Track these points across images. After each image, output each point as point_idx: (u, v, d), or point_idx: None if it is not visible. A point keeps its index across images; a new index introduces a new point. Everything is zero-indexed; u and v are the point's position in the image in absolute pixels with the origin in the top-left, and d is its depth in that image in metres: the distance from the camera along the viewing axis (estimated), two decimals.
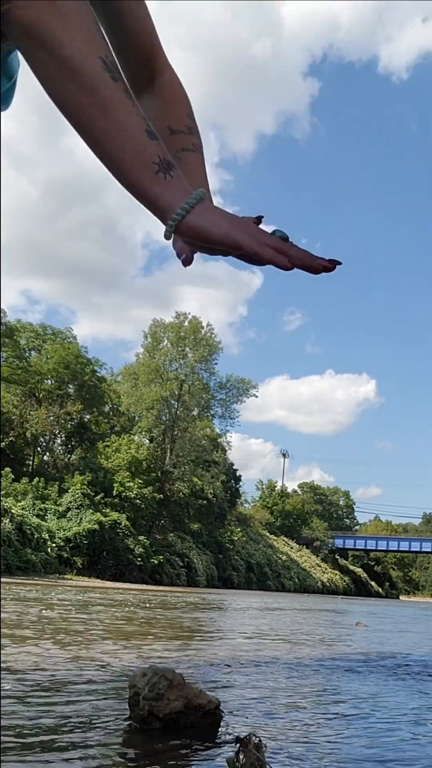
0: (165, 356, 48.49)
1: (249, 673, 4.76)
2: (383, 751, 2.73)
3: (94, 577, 33.15)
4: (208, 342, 48.96)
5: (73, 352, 42.43)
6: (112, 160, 0.74)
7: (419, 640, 10.10)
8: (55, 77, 0.72)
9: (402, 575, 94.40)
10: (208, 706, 2.87)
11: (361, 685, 4.62)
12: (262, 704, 3.58)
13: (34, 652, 5.06)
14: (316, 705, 3.74)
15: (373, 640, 9.41)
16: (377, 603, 40.54)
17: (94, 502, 36.67)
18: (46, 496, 36.10)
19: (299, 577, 60.53)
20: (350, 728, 3.16)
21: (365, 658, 6.46)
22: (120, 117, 0.72)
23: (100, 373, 46.73)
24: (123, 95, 0.73)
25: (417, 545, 75.07)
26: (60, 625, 7.56)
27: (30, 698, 3.31)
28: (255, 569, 53.42)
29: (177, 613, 12.06)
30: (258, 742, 1.98)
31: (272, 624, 11.40)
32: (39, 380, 41.85)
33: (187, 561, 42.76)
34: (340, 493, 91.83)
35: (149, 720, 2.75)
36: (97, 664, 4.61)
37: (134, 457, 41.14)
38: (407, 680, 5.05)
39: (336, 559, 73.00)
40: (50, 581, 25.90)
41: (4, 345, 37.19)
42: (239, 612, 15.01)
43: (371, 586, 78.20)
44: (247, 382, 52.11)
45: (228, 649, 6.38)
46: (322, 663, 5.76)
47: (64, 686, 3.70)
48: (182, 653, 5.69)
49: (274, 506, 70.11)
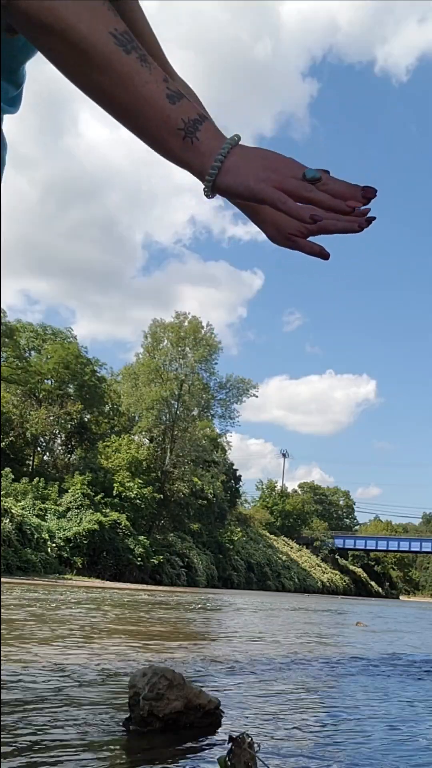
0: (165, 356, 48.48)
1: (249, 673, 4.76)
2: (383, 751, 2.73)
3: (94, 577, 33.14)
4: (208, 342, 48.95)
5: (73, 352, 42.41)
6: (142, 132, 0.74)
7: (419, 639, 10.09)
8: (68, 60, 0.72)
9: (402, 575, 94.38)
10: (208, 706, 2.88)
11: (361, 685, 4.62)
12: (261, 704, 3.59)
13: (34, 652, 5.06)
14: (315, 705, 3.74)
15: (373, 640, 9.40)
16: (377, 603, 40.53)
17: (94, 502, 36.67)
18: (46, 496, 36.10)
19: (299, 577, 60.53)
20: (350, 728, 3.16)
21: (365, 658, 6.45)
22: (139, 89, 0.72)
23: (100, 373, 46.75)
24: (138, 66, 0.72)
25: (417, 545, 75.06)
26: (60, 625, 7.56)
27: (30, 698, 3.31)
28: (255, 569, 53.42)
29: (177, 613, 12.05)
30: (251, 741, 1.98)
31: (272, 624, 11.40)
32: (39, 380, 41.84)
33: (187, 561, 42.75)
34: (340, 493, 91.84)
35: (149, 720, 2.75)
36: (97, 664, 4.61)
37: (134, 457, 41.14)
38: (407, 680, 5.05)
39: (336, 559, 72.98)
40: (50, 581, 25.90)
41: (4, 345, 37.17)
42: (239, 612, 15.00)
43: (371, 586, 78.20)
44: (247, 382, 52.14)
45: (228, 649, 6.38)
46: (322, 663, 5.76)
47: (64, 686, 3.70)
48: (182, 653, 5.69)
49: (274, 506, 70.11)
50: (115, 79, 0.71)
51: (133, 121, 0.73)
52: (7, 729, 2.65)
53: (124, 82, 0.71)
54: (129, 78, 0.71)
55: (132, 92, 0.72)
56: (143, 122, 0.73)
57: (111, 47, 0.71)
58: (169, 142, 0.73)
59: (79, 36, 0.69)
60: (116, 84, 0.71)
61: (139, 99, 0.72)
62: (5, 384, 39.14)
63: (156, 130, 0.73)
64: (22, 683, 3.70)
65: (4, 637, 5.81)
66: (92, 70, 0.71)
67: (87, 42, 0.70)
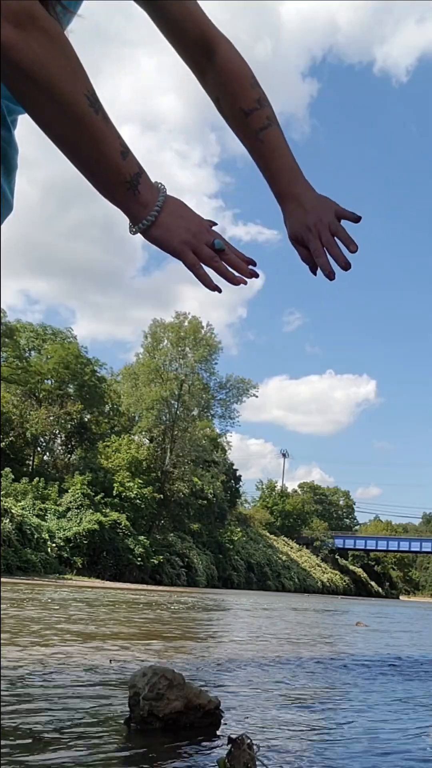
0: (165, 356, 48.46)
1: (249, 673, 4.76)
2: (383, 752, 2.73)
3: (94, 577, 33.13)
4: (208, 342, 48.93)
5: (73, 352, 42.39)
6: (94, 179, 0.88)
7: (419, 639, 10.09)
8: (44, 111, 0.82)
9: (402, 575, 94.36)
10: (208, 706, 2.87)
11: (361, 685, 4.62)
12: (262, 704, 3.59)
13: (35, 652, 5.06)
14: (316, 705, 3.74)
15: (373, 639, 9.41)
16: (377, 603, 40.54)
17: (94, 502, 36.66)
18: (46, 496, 36.08)
19: (299, 577, 60.51)
20: (350, 728, 3.16)
21: (365, 658, 6.45)
22: (101, 146, 0.84)
23: (100, 373, 46.71)
24: (103, 125, 0.84)
25: (417, 545, 75.03)
26: (60, 626, 7.55)
27: (30, 698, 3.31)
28: (255, 569, 53.40)
29: (177, 613, 12.05)
30: (250, 742, 1.98)
31: (272, 624, 11.40)
32: (39, 380, 41.81)
33: (187, 561, 42.74)
34: (340, 493, 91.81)
35: (149, 720, 2.75)
36: (97, 664, 4.60)
37: (134, 457, 41.13)
38: (407, 680, 5.05)
39: (336, 559, 72.95)
40: (50, 581, 25.90)
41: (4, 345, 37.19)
42: (239, 612, 15.01)
43: (371, 586, 78.18)
44: (247, 382, 52.13)
45: (228, 649, 6.38)
46: (322, 663, 5.76)
47: (64, 686, 3.70)
48: (182, 653, 5.69)
49: (274, 506, 70.09)
50: (83, 135, 0.83)
51: (90, 169, 0.87)
52: (7, 729, 2.65)
53: (90, 138, 0.84)
54: (94, 135, 0.84)
55: (95, 147, 0.84)
56: (98, 172, 0.87)
57: (85, 108, 0.82)
58: (116, 190, 0.89)
59: (60, 93, 0.80)
60: (83, 138, 0.84)
61: (100, 153, 0.85)
62: (5, 384, 39.13)
63: (107, 180, 0.88)
64: (22, 683, 3.70)
65: (3, 638, 5.81)
66: (65, 124, 0.82)
67: (66, 100, 0.80)
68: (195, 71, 1.14)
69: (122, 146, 0.87)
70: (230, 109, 1.12)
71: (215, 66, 1.12)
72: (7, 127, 0.94)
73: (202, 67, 1.13)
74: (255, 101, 1.12)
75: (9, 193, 0.96)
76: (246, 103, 1.12)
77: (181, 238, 0.93)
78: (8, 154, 0.94)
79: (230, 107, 1.12)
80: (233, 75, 1.12)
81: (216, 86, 1.13)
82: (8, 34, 0.76)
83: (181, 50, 1.13)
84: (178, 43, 1.12)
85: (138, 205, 0.90)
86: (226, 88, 1.12)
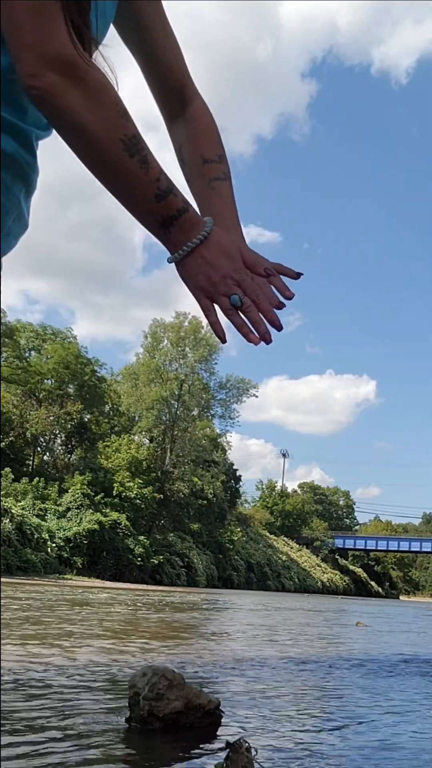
0: (165, 356, 48.43)
1: (249, 673, 4.76)
2: (384, 753, 2.73)
3: (94, 577, 33.12)
4: (208, 342, 48.89)
5: (73, 352, 42.37)
6: (130, 212, 0.95)
7: (420, 639, 10.10)
8: (81, 151, 0.89)
9: (402, 575, 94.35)
10: (208, 706, 2.88)
11: (361, 686, 4.62)
12: (261, 704, 3.59)
13: (35, 652, 5.06)
14: (315, 705, 3.74)
15: (373, 640, 9.41)
16: (377, 603, 40.53)
17: (94, 502, 36.64)
18: (46, 496, 36.07)
19: (299, 577, 60.50)
20: (350, 729, 3.16)
21: (365, 658, 6.45)
22: (133, 189, 0.91)
23: (100, 373, 46.66)
24: (138, 168, 0.89)
25: (417, 545, 75.02)
26: (60, 625, 7.55)
27: (30, 698, 3.31)
28: (255, 569, 53.39)
29: (177, 613, 12.05)
30: (248, 746, 1.98)
31: (272, 624, 11.39)
32: (39, 380, 41.79)
33: (187, 561, 42.72)
34: (340, 493, 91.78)
35: (149, 720, 2.75)
36: (98, 664, 4.61)
37: (134, 457, 41.11)
38: (408, 680, 5.05)
39: (336, 559, 72.93)
40: (50, 581, 25.90)
41: (4, 345, 37.15)
42: (239, 612, 15.00)
43: (371, 586, 78.16)
44: (247, 382, 52.10)
45: (228, 649, 6.38)
46: (323, 663, 5.76)
47: (64, 686, 3.70)
48: (182, 653, 5.69)
49: (274, 506, 70.07)
50: (117, 176, 0.90)
51: (125, 206, 0.94)
52: (7, 729, 2.65)
53: (123, 180, 0.90)
54: (126, 180, 0.90)
55: (128, 188, 0.91)
56: (132, 211, 0.94)
57: (118, 152, 0.87)
58: (149, 228, 0.95)
59: (95, 138, 0.86)
60: (117, 179, 0.90)
61: (132, 194, 0.91)
62: (5, 384, 39.12)
63: (140, 218, 0.95)
64: (22, 683, 3.70)
65: (3, 638, 5.81)
66: (100, 164, 0.89)
67: (100, 144, 0.87)
68: (165, 113, 1.19)
69: (159, 189, 0.91)
70: (191, 155, 1.16)
71: (186, 115, 1.18)
72: (33, 153, 0.98)
73: (175, 112, 1.18)
74: (216, 156, 1.17)
75: (26, 214, 1.00)
76: (208, 153, 1.16)
77: (198, 284, 0.97)
78: (30, 177, 0.97)
79: (191, 154, 1.16)
80: (203, 127, 1.18)
81: (183, 132, 1.18)
82: (50, 82, 0.82)
83: (156, 92, 1.18)
84: (157, 87, 1.17)
85: (168, 243, 0.96)
86: (193, 136, 1.17)
